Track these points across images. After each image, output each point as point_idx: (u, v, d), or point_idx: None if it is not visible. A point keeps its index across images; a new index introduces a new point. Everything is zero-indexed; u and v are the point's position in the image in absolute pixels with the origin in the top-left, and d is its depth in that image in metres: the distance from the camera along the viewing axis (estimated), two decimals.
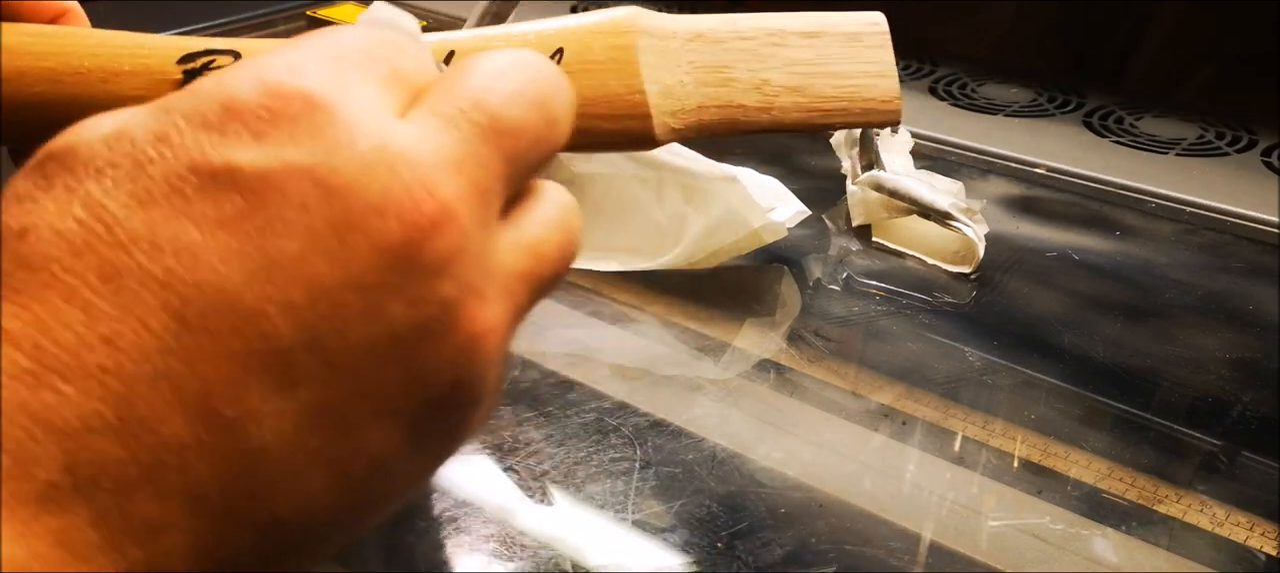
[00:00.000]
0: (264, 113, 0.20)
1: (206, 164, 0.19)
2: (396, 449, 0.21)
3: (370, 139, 0.20)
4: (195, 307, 0.18)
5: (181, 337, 0.18)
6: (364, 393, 0.20)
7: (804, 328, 0.57)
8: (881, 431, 0.49)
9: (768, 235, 0.60)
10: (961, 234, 0.61)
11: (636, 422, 0.49)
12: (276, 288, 0.19)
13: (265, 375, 0.19)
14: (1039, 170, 0.76)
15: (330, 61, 0.21)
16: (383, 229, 0.19)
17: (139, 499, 0.18)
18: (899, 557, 0.42)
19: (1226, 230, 0.69)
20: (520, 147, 0.22)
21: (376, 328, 0.19)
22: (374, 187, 0.19)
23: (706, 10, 1.04)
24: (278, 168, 0.19)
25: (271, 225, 0.19)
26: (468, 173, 0.21)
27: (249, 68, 0.21)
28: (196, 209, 0.19)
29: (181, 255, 0.19)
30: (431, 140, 0.21)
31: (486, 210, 0.21)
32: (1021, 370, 0.54)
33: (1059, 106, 0.86)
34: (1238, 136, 0.81)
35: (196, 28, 1.00)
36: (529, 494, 0.45)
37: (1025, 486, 0.46)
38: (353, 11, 1.07)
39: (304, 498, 0.20)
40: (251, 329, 0.19)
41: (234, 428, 0.19)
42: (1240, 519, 0.44)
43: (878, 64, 0.41)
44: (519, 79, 0.23)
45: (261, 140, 0.19)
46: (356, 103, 0.21)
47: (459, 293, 0.20)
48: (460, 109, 0.22)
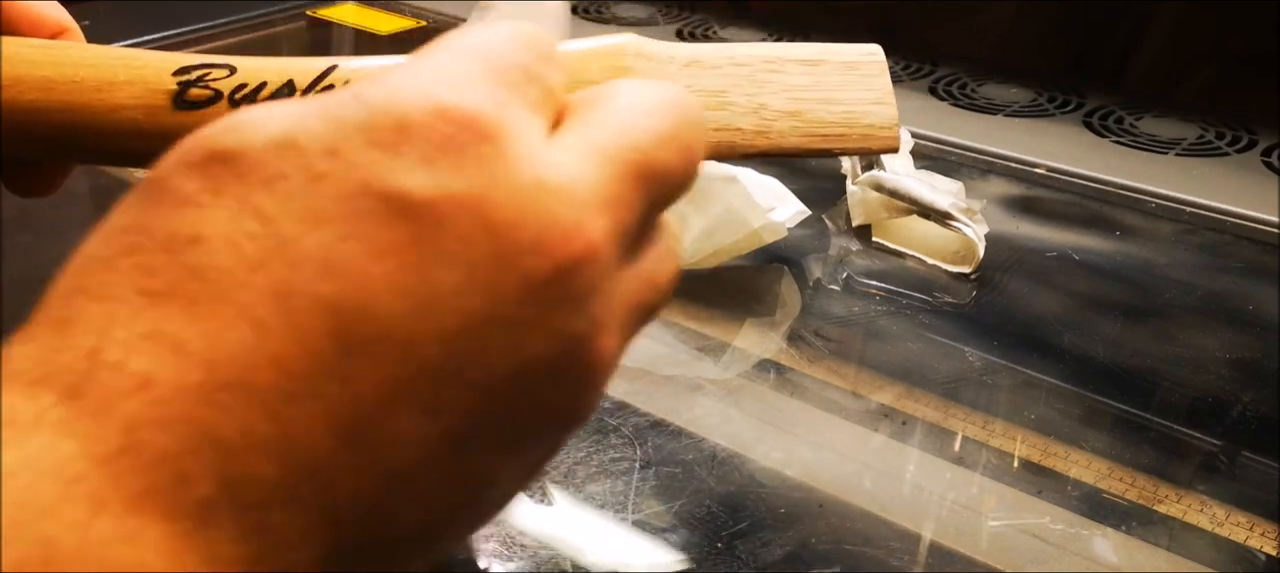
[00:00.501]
0: (436, 137, 0.20)
1: (380, 186, 0.19)
2: (503, 470, 0.21)
3: (531, 174, 0.20)
4: (358, 333, 0.19)
5: (342, 361, 0.18)
6: (495, 420, 0.20)
7: (804, 328, 0.57)
8: (881, 431, 0.49)
9: (768, 235, 0.60)
10: (961, 234, 0.61)
11: (636, 422, 0.49)
12: (434, 318, 0.19)
13: (413, 401, 0.19)
14: (1039, 170, 0.76)
15: (494, 81, 0.21)
16: (535, 265, 0.20)
17: (283, 516, 0.18)
18: (899, 557, 0.42)
19: (1226, 230, 0.69)
20: (665, 191, 0.23)
21: (514, 360, 0.20)
22: (531, 222, 0.20)
23: (706, 9, 1.03)
24: (445, 198, 0.19)
25: (436, 256, 0.19)
26: (615, 215, 0.21)
27: (414, 81, 0.20)
28: (367, 233, 0.19)
29: (351, 280, 0.19)
30: (587, 177, 0.21)
31: (623, 249, 0.22)
32: (1021, 370, 0.54)
33: (1059, 106, 0.86)
34: (1238, 136, 0.81)
35: (196, 28, 1.00)
36: (529, 494, 0.45)
37: (1025, 486, 0.46)
38: (353, 11, 1.07)
39: (425, 516, 0.20)
40: (407, 356, 0.19)
41: (379, 450, 0.19)
42: (1240, 519, 0.44)
43: (876, 92, 0.41)
44: (671, 120, 0.23)
45: (431, 166, 0.19)
46: (517, 131, 0.21)
47: (590, 329, 0.21)
48: (617, 146, 0.22)
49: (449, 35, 0.23)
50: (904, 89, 0.90)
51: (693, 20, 1.05)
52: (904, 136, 0.70)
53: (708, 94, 0.38)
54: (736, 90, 0.38)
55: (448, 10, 1.05)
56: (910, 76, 0.92)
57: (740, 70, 0.38)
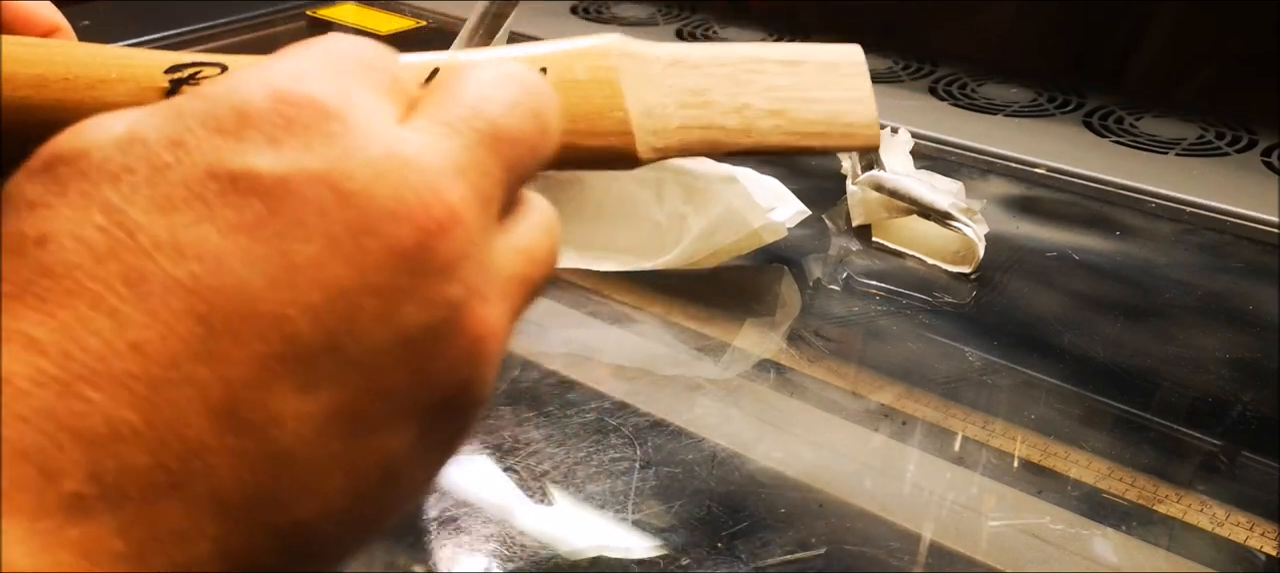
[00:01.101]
0: (278, 119, 0.20)
1: (225, 169, 0.19)
2: (408, 452, 0.21)
3: (381, 146, 0.20)
4: (220, 311, 0.19)
5: (207, 341, 0.18)
6: (380, 394, 0.20)
7: (804, 328, 0.57)
8: (881, 431, 0.49)
9: (768, 235, 0.60)
10: (961, 234, 0.61)
11: (636, 422, 0.49)
12: (297, 291, 0.19)
13: (288, 378, 0.19)
14: (1039, 170, 0.76)
15: (334, 70, 0.22)
16: (396, 233, 0.20)
17: (165, 507, 0.18)
18: (899, 557, 0.42)
19: (1226, 230, 0.69)
20: (518, 154, 0.23)
21: (390, 330, 0.20)
22: (387, 192, 0.20)
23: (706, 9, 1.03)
24: (295, 173, 0.19)
25: (291, 230, 0.19)
26: (471, 179, 0.21)
27: (255, 75, 0.21)
28: (218, 214, 0.19)
29: (205, 260, 0.19)
30: (438, 147, 0.21)
31: (488, 215, 0.22)
32: (1021, 370, 0.54)
33: (1059, 106, 0.86)
34: (1238, 136, 0.81)
35: (196, 28, 1.00)
36: (529, 494, 0.45)
37: (1025, 486, 0.46)
38: (353, 11, 1.07)
39: (323, 502, 0.20)
40: (274, 332, 0.19)
41: (258, 431, 0.19)
42: (1240, 519, 0.44)
43: (856, 91, 0.42)
44: (514, 90, 0.23)
45: (277, 146, 0.20)
46: (363, 111, 0.21)
47: (465, 295, 0.21)
48: (462, 116, 0.22)
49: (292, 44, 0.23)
50: (904, 89, 0.90)
51: (693, 20, 1.05)
52: (904, 136, 0.70)
53: (691, 93, 0.39)
54: (719, 90, 0.39)
55: (448, 10, 1.05)
56: (910, 76, 0.92)
57: (723, 70, 0.39)
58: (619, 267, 0.60)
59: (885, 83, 0.91)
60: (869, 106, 0.41)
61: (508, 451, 0.47)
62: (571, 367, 0.53)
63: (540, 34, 0.99)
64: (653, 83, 0.37)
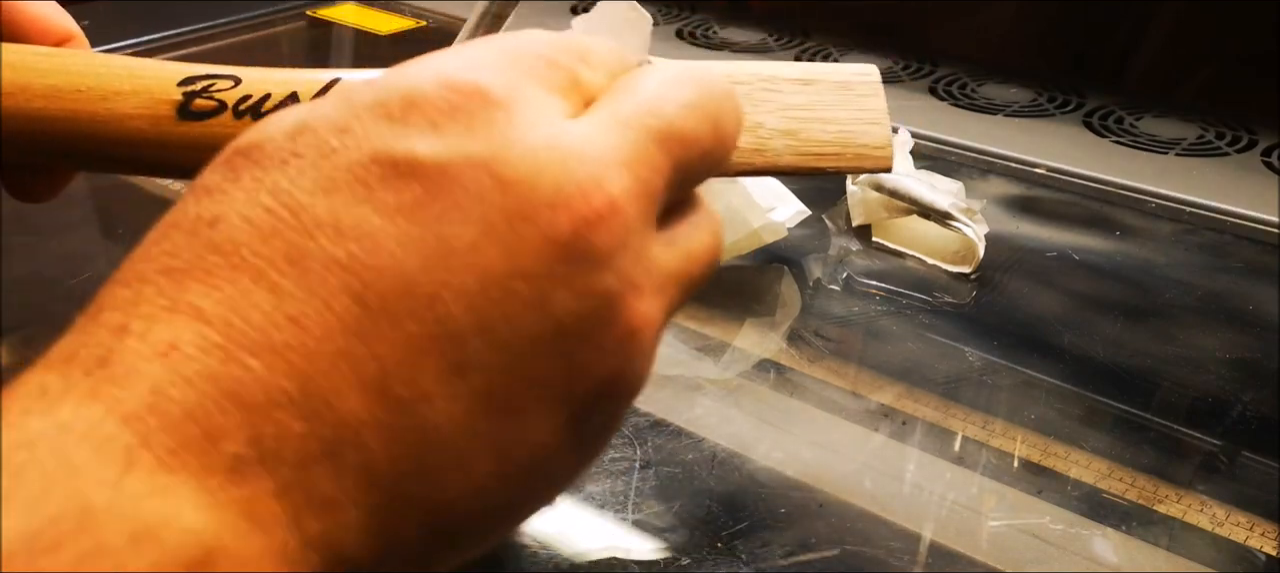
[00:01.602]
0: (444, 105, 0.20)
1: (388, 153, 0.20)
2: (557, 440, 0.21)
3: (544, 135, 0.21)
4: (375, 290, 0.19)
5: (361, 318, 0.19)
6: (530, 380, 0.20)
7: (804, 328, 0.57)
8: (881, 430, 0.49)
9: (768, 235, 0.60)
10: (961, 234, 0.61)
11: (636, 422, 0.49)
12: (452, 274, 0.19)
13: (439, 359, 0.19)
14: (1039, 170, 0.76)
15: (508, 63, 0.22)
16: (553, 221, 0.20)
17: (318, 474, 0.19)
18: (899, 557, 0.42)
19: (1226, 230, 0.69)
20: (689, 155, 0.23)
21: (543, 317, 0.20)
22: (546, 179, 0.20)
23: (706, 9, 1.03)
24: (456, 159, 0.20)
25: (448, 213, 0.20)
26: (636, 172, 0.21)
27: (428, 63, 0.21)
28: (377, 196, 0.20)
29: (363, 241, 0.19)
30: (604, 138, 0.21)
31: (650, 210, 0.22)
32: (1021, 370, 0.54)
33: (1059, 106, 0.86)
34: (1238, 137, 0.81)
35: (196, 28, 1.00)
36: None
37: (1025, 486, 0.46)
38: (353, 11, 1.07)
39: (470, 484, 0.20)
40: (427, 313, 0.19)
41: (408, 408, 0.19)
42: (1240, 519, 0.44)
43: (870, 111, 0.42)
44: (695, 91, 0.23)
45: (440, 132, 0.20)
46: (531, 101, 0.21)
47: (620, 286, 0.21)
48: (635, 112, 0.22)
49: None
50: (904, 89, 0.90)
51: (693, 20, 1.05)
52: (904, 137, 0.70)
53: None
54: None
55: (448, 10, 1.05)
56: (910, 76, 0.92)
57: (738, 88, 0.39)
58: None
59: (885, 83, 0.90)
60: (883, 128, 0.41)
61: None
62: None
63: None
64: None
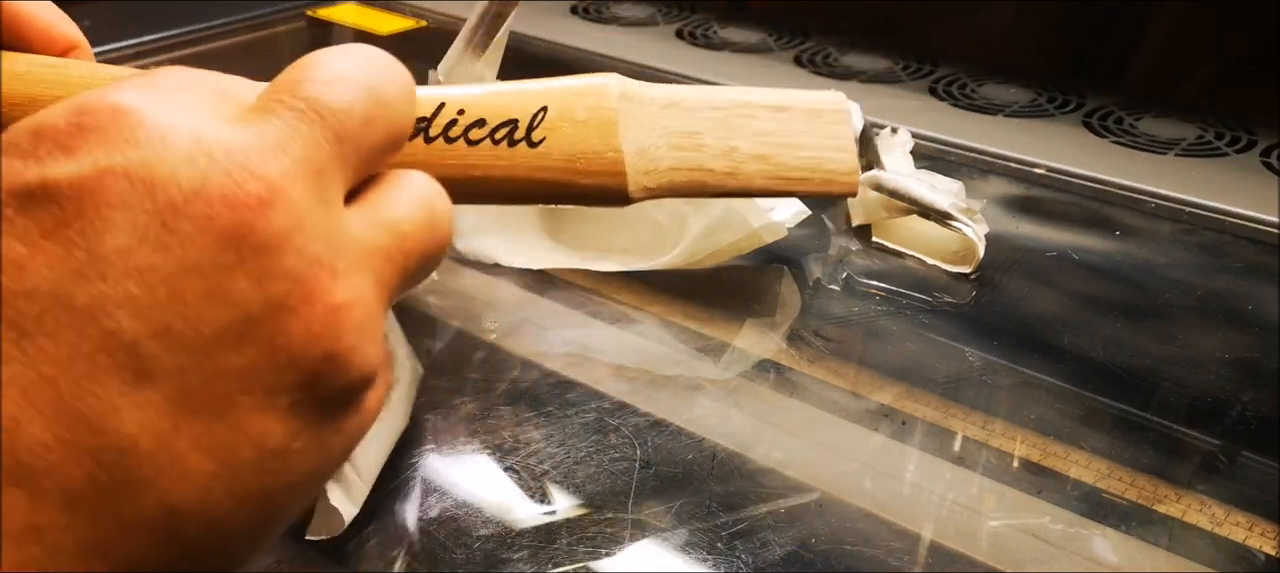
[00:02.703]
0: (72, 128, 0.20)
1: (22, 185, 0.20)
2: (284, 431, 0.21)
3: (184, 134, 0.20)
4: (30, 314, 0.19)
5: (23, 344, 0.19)
6: (227, 374, 0.20)
7: (804, 328, 0.57)
8: (881, 431, 0.49)
9: (768, 235, 0.60)
10: (961, 234, 0.61)
11: (636, 422, 0.49)
12: (110, 283, 0.19)
13: (117, 369, 0.19)
14: (1039, 170, 0.76)
15: (146, 85, 0.22)
16: (209, 213, 0.20)
17: (9, 503, 0.18)
18: (899, 557, 0.42)
19: (1226, 230, 0.69)
20: (350, 126, 0.23)
21: (224, 308, 0.20)
22: (193, 174, 0.20)
23: (706, 9, 1.03)
24: (91, 172, 0.20)
25: (93, 225, 0.20)
26: (292, 152, 0.21)
27: (66, 100, 0.21)
28: (19, 227, 0.20)
29: (8, 270, 0.19)
30: (250, 128, 0.21)
31: (322, 187, 0.22)
32: (1021, 370, 0.54)
33: (1059, 106, 0.86)
34: (1237, 137, 0.81)
35: (196, 28, 1.00)
36: (529, 494, 0.45)
37: (1025, 486, 0.46)
38: (353, 11, 1.07)
39: (194, 488, 0.20)
40: (92, 326, 0.19)
41: (94, 424, 0.19)
42: (1240, 519, 0.44)
43: (838, 138, 0.43)
44: (340, 65, 0.23)
45: (72, 153, 0.20)
46: (169, 108, 0.21)
47: (306, 266, 0.21)
48: (278, 98, 0.22)
49: None
50: (904, 89, 0.90)
51: (693, 20, 1.05)
52: (904, 136, 0.70)
53: (683, 135, 0.40)
54: (710, 133, 0.40)
55: (448, 10, 1.05)
56: (910, 76, 0.92)
57: (716, 114, 0.40)
58: (619, 267, 0.60)
59: (885, 83, 0.91)
60: (850, 155, 0.42)
61: (508, 451, 0.47)
62: (571, 367, 0.53)
63: (540, 34, 0.99)
64: (647, 125, 0.38)
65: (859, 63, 0.94)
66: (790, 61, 0.95)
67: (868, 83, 0.90)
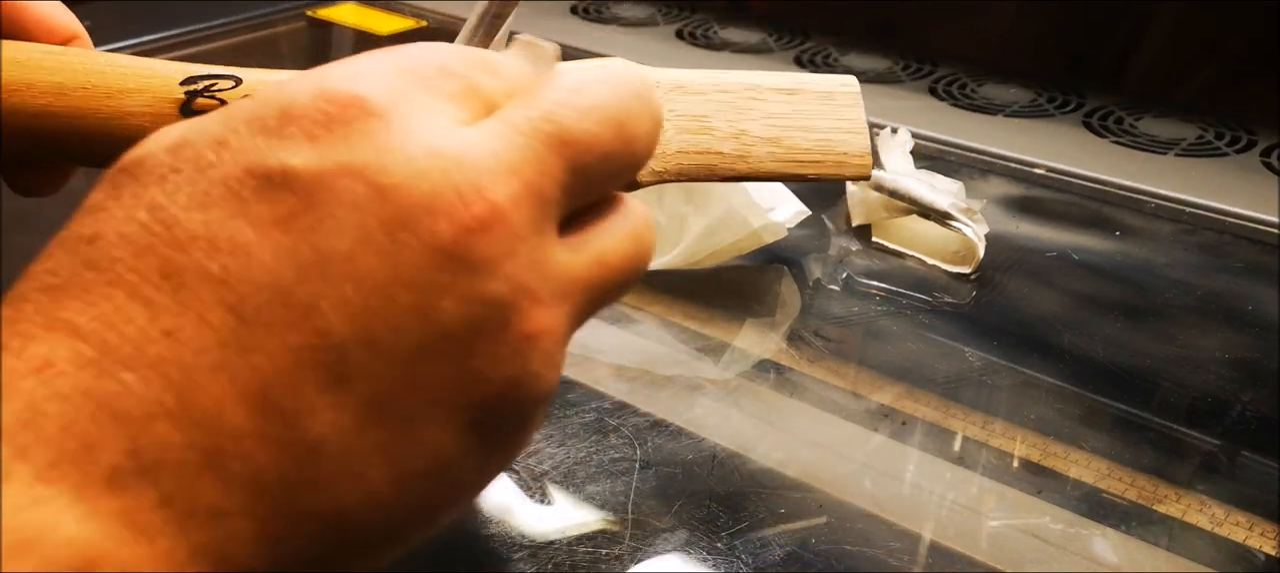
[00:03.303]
0: (320, 116, 0.20)
1: (263, 166, 0.20)
2: (457, 446, 0.21)
3: (423, 143, 0.21)
4: (251, 302, 0.19)
5: (238, 331, 0.19)
6: (419, 388, 0.20)
7: (804, 328, 0.57)
8: (881, 431, 0.49)
9: (768, 235, 0.60)
10: (961, 234, 0.61)
11: (636, 422, 0.49)
12: (329, 284, 0.20)
13: (320, 369, 0.19)
14: (1039, 170, 0.76)
15: (394, 72, 0.22)
16: (432, 228, 0.20)
17: (201, 484, 0.19)
18: (899, 557, 0.42)
19: (1226, 230, 0.69)
20: (588, 159, 0.23)
21: (428, 324, 0.20)
22: (424, 187, 0.20)
23: (706, 9, 1.03)
24: (330, 169, 0.20)
25: (323, 223, 0.20)
26: (524, 178, 0.21)
27: (310, 76, 0.21)
28: (252, 209, 0.20)
29: (237, 254, 0.19)
30: (490, 145, 0.21)
31: (544, 215, 0.22)
32: (1021, 370, 0.54)
33: (1059, 107, 0.86)
34: (1237, 137, 0.81)
35: (196, 28, 1.00)
36: (529, 494, 0.45)
37: (1025, 486, 0.46)
38: (353, 12, 1.07)
39: (367, 492, 0.20)
40: (305, 324, 0.19)
41: (291, 419, 0.19)
42: (1240, 519, 0.44)
43: (850, 121, 0.43)
44: (598, 94, 0.23)
45: (315, 143, 0.20)
46: (414, 110, 0.21)
47: (511, 293, 0.21)
48: (529, 118, 0.22)
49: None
50: (904, 89, 0.90)
51: (693, 20, 1.05)
52: (904, 136, 0.70)
53: (691, 119, 0.39)
54: (719, 116, 0.40)
55: (448, 10, 1.05)
56: (910, 76, 0.92)
57: (724, 97, 0.40)
58: None
59: (885, 83, 0.91)
60: (862, 137, 0.42)
61: None
62: (571, 367, 0.53)
63: (540, 34, 0.99)
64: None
65: (859, 63, 0.94)
66: (790, 62, 0.95)
67: (868, 83, 0.90)
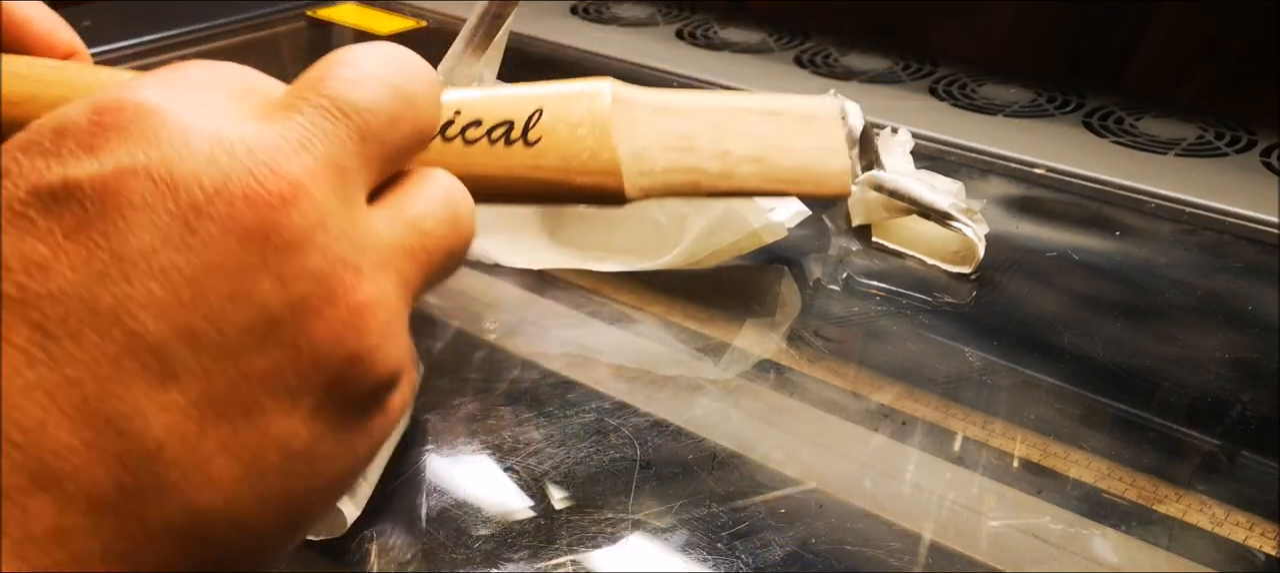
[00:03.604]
0: (93, 126, 0.20)
1: (45, 184, 0.20)
2: (309, 432, 0.21)
3: (207, 133, 0.20)
4: (54, 316, 0.19)
5: (47, 346, 0.19)
6: (251, 376, 0.20)
7: (804, 328, 0.57)
8: (881, 431, 0.49)
9: (768, 235, 0.60)
10: (961, 234, 0.61)
11: (636, 422, 0.49)
12: (133, 285, 0.19)
13: (142, 371, 0.19)
14: (1039, 170, 0.76)
15: (167, 80, 0.22)
16: (232, 212, 0.20)
17: (35, 507, 0.18)
18: (899, 557, 0.42)
19: (1226, 230, 0.69)
20: (375, 124, 0.22)
21: (248, 309, 0.20)
22: (215, 173, 0.20)
23: (706, 9, 1.03)
24: (112, 172, 0.20)
25: (116, 226, 0.19)
26: (316, 151, 0.21)
27: (88, 98, 0.21)
28: (42, 227, 0.19)
29: (32, 271, 0.19)
30: (274, 126, 0.21)
31: (345, 185, 0.22)
32: (1021, 370, 0.54)
33: (1059, 107, 0.86)
34: (1237, 137, 0.81)
35: (196, 28, 1.00)
36: (529, 495, 0.45)
37: (1025, 486, 0.46)
38: (353, 11, 1.07)
39: (220, 493, 0.20)
40: (116, 328, 0.19)
41: (120, 426, 0.19)
42: (1240, 519, 0.44)
43: (830, 141, 0.45)
44: (366, 63, 0.23)
45: (94, 152, 0.20)
46: (191, 105, 0.21)
47: (330, 265, 0.21)
48: (303, 95, 0.22)
49: None
50: (904, 89, 0.90)
51: (693, 20, 1.05)
52: (904, 136, 0.70)
53: (677, 137, 0.41)
54: (703, 136, 0.42)
55: (448, 10, 1.05)
56: (910, 76, 0.92)
57: (709, 118, 0.42)
58: (619, 267, 0.60)
59: (885, 83, 0.91)
60: (841, 157, 0.43)
61: (508, 451, 0.47)
62: (571, 367, 0.53)
63: (540, 34, 0.99)
64: (641, 128, 0.39)
65: (859, 63, 0.94)
66: (790, 62, 0.95)
67: (868, 83, 0.90)
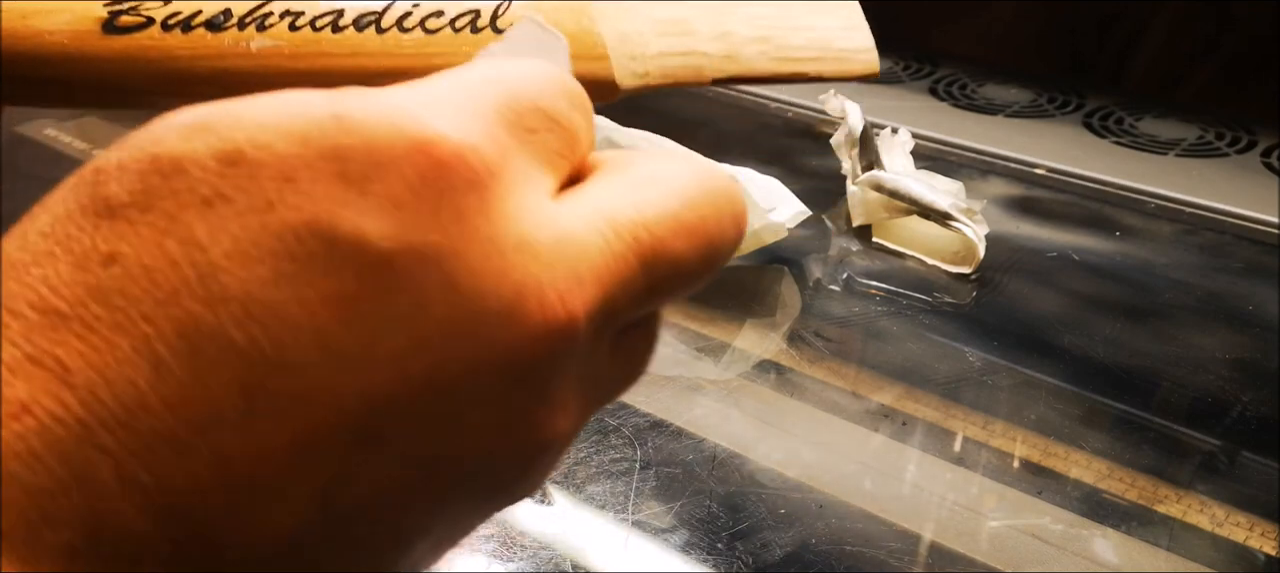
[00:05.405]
0: (414, 177, 0.17)
1: (331, 228, 0.17)
2: (422, 543, 0.20)
3: (516, 230, 0.18)
4: (267, 389, 0.16)
5: (244, 416, 0.16)
6: (415, 495, 0.18)
7: (804, 328, 0.57)
8: (881, 431, 0.49)
9: (768, 235, 0.60)
10: (961, 234, 0.61)
11: (636, 422, 0.49)
12: (362, 381, 0.17)
13: (319, 468, 0.17)
14: (1039, 170, 0.76)
15: (495, 118, 0.19)
16: (500, 337, 0.17)
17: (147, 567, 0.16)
18: (899, 557, 0.42)
19: (1226, 230, 0.69)
20: (671, 279, 0.20)
21: (451, 434, 0.18)
22: (504, 289, 0.17)
23: None
24: (404, 249, 0.17)
25: (380, 317, 0.17)
26: (607, 290, 0.19)
27: (406, 110, 0.18)
28: (303, 277, 0.17)
29: (272, 330, 0.16)
30: (583, 240, 0.19)
31: (607, 329, 0.19)
32: (1021, 370, 0.54)
33: (1059, 107, 0.86)
34: (1238, 137, 0.81)
35: None
36: (534, 499, 0.45)
37: (1025, 486, 0.46)
38: None
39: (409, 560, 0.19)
40: (321, 421, 0.17)
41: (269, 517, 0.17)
42: (1240, 519, 0.44)
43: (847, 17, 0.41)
44: (703, 213, 0.20)
45: (401, 210, 0.17)
46: (515, 180, 0.18)
47: (549, 410, 0.19)
48: (629, 222, 0.19)
49: (478, 58, 0.21)
50: (904, 89, 0.90)
51: None
52: (904, 136, 0.70)
53: (671, 21, 0.38)
54: (700, 18, 0.38)
55: None
56: (910, 77, 0.92)
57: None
58: None
59: (885, 83, 0.91)
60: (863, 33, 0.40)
61: None
62: None
63: None
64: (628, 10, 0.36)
65: None
66: None
67: (868, 83, 0.90)
